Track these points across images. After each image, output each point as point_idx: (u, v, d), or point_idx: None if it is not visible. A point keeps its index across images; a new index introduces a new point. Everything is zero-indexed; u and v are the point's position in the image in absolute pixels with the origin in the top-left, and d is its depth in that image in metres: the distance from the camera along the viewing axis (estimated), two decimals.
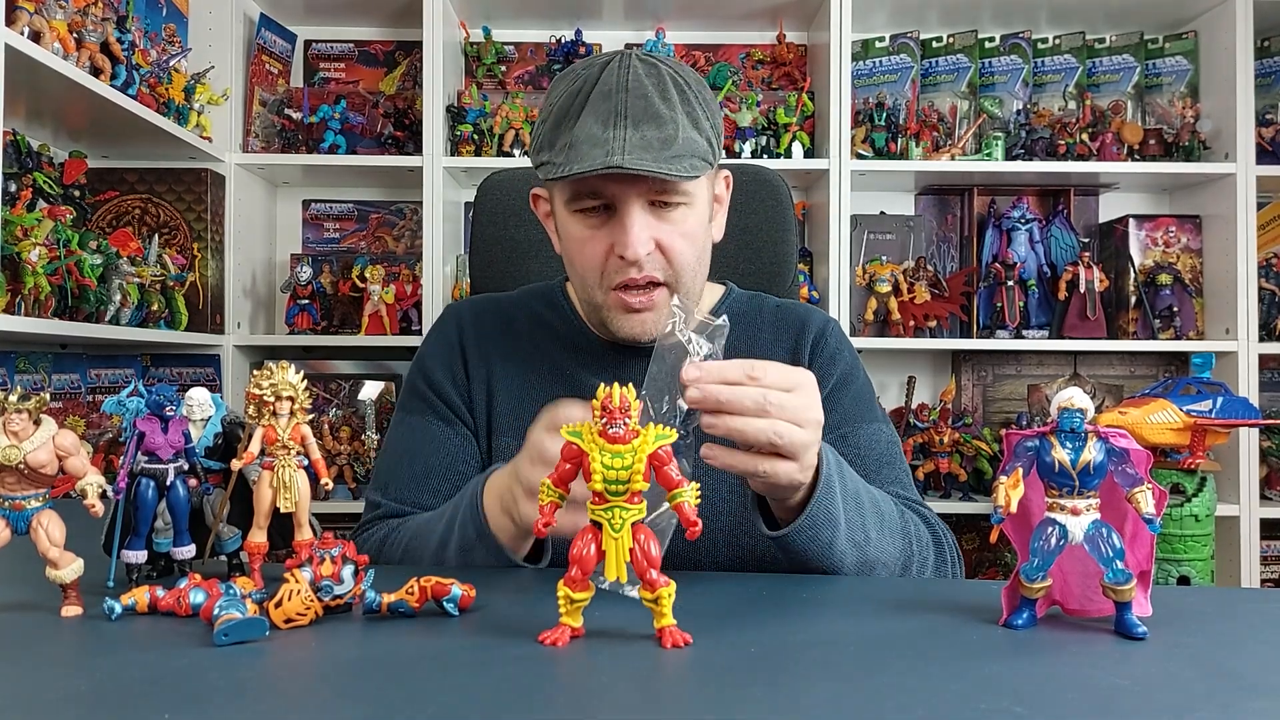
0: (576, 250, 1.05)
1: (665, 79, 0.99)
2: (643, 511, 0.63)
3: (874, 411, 1.14)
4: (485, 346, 1.17)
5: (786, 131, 2.38)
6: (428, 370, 1.17)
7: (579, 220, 1.03)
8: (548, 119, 1.01)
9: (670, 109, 0.97)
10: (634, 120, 0.95)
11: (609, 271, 1.03)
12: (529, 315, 1.20)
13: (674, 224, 1.01)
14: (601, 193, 0.99)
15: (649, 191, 0.99)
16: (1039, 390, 2.53)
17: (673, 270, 1.03)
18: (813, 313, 1.20)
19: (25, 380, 1.96)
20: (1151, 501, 0.63)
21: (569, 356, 1.15)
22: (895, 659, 0.60)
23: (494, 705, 0.52)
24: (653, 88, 0.97)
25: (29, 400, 0.66)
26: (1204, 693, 0.54)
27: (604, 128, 0.95)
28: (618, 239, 1.00)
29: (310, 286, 2.37)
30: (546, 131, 1.01)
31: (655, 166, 0.94)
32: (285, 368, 0.73)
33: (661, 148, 0.95)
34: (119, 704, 0.52)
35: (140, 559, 0.75)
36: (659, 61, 1.00)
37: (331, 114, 2.37)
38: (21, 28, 1.54)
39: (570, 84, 1.00)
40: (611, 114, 0.95)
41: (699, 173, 0.98)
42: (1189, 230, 2.45)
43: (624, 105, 0.96)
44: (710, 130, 1.01)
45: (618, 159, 0.93)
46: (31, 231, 1.60)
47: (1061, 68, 2.55)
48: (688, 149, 0.96)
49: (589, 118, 0.96)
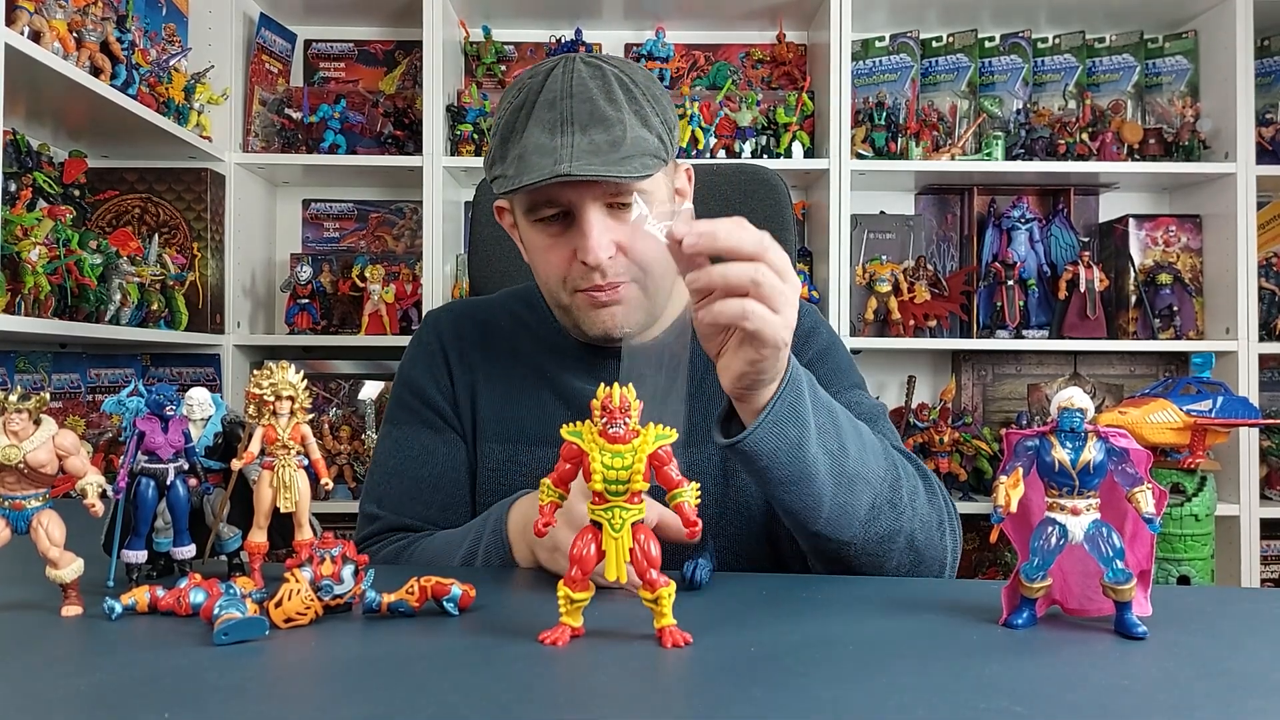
0: (540, 259, 1.05)
1: (610, 80, 0.98)
2: (643, 511, 0.63)
3: (855, 380, 1.13)
4: (467, 352, 1.16)
5: (786, 131, 2.38)
6: (412, 380, 1.17)
7: (539, 230, 1.03)
8: (497, 132, 1.01)
9: (616, 110, 0.97)
10: (580, 125, 0.95)
11: (573, 277, 1.02)
12: (509, 318, 1.19)
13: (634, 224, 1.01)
14: (557, 200, 0.99)
15: (604, 195, 0.98)
16: (1039, 390, 2.53)
17: (639, 269, 1.03)
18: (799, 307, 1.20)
19: (25, 380, 1.96)
20: (1151, 501, 0.63)
21: (548, 358, 1.14)
22: (895, 659, 0.60)
23: (494, 705, 0.52)
24: (597, 90, 0.97)
25: (29, 400, 0.66)
26: (1204, 692, 0.54)
27: (551, 136, 0.95)
28: (579, 245, 0.99)
29: (310, 286, 2.37)
30: (496, 145, 1.01)
31: (605, 170, 0.93)
32: (285, 367, 0.73)
33: (610, 150, 0.94)
34: (119, 704, 0.52)
35: (140, 559, 0.75)
36: (603, 63, 1.00)
37: (331, 113, 2.37)
38: (21, 27, 1.54)
39: (515, 95, 1.00)
40: (557, 121, 0.95)
41: (650, 171, 0.97)
42: (1189, 230, 2.45)
43: (569, 111, 0.95)
44: (661, 127, 1.01)
45: (565, 166, 0.93)
46: (31, 231, 1.60)
47: (1061, 67, 2.55)
48: (637, 148, 0.96)
49: (535, 128, 0.96)
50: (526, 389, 1.13)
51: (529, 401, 1.12)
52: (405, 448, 1.13)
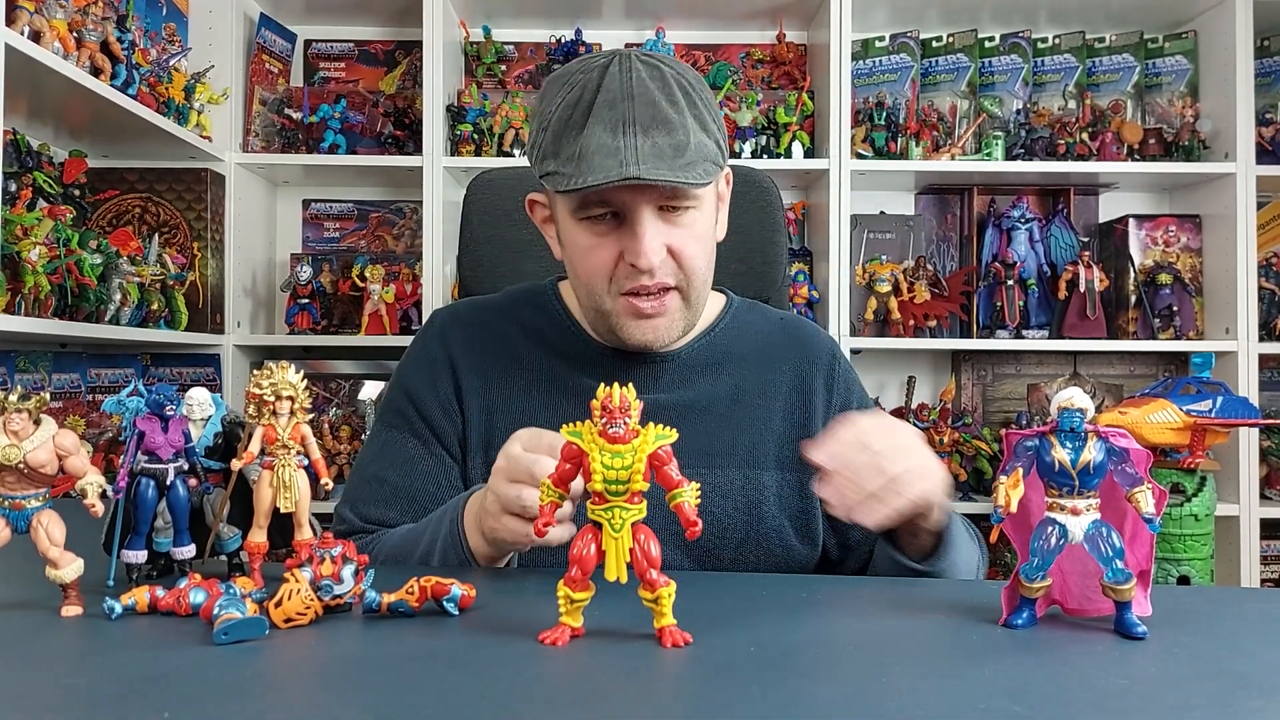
0: (582, 258, 1.02)
1: (670, 82, 0.96)
2: (643, 511, 0.63)
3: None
4: (478, 359, 1.12)
5: (786, 131, 2.38)
6: (409, 385, 1.12)
7: (585, 228, 1.00)
8: (548, 127, 0.97)
9: (679, 113, 0.95)
10: (643, 127, 0.93)
11: (618, 278, 1.00)
12: (521, 323, 1.15)
13: (684, 228, 1.00)
14: (611, 201, 0.97)
15: (660, 198, 0.97)
16: (1039, 390, 2.53)
17: (684, 274, 1.01)
18: (817, 332, 1.21)
19: (25, 380, 1.96)
20: (1151, 501, 0.63)
21: (568, 365, 1.11)
22: (895, 659, 0.60)
23: (494, 705, 0.52)
24: (658, 91, 0.95)
25: (29, 400, 0.66)
26: (1204, 692, 0.54)
27: (614, 136, 0.92)
28: (628, 247, 0.97)
29: (310, 286, 2.37)
30: (548, 141, 0.97)
31: (672, 175, 0.92)
32: (285, 367, 0.73)
33: (675, 155, 0.93)
34: (119, 703, 0.52)
35: (140, 558, 0.75)
36: (660, 62, 0.98)
37: (331, 113, 2.36)
38: (21, 27, 1.54)
39: (569, 90, 0.96)
40: (620, 122, 0.93)
41: (711, 178, 0.96)
42: (1189, 230, 2.45)
43: (631, 112, 0.93)
44: (717, 132, 0.99)
45: (633, 170, 0.90)
46: (31, 231, 1.60)
47: (1061, 67, 2.55)
48: (700, 154, 0.94)
49: (596, 126, 0.93)
50: (545, 397, 1.09)
51: (547, 409, 1.08)
52: (390, 453, 1.10)
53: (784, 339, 1.16)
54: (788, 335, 1.17)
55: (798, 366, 1.14)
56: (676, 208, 0.98)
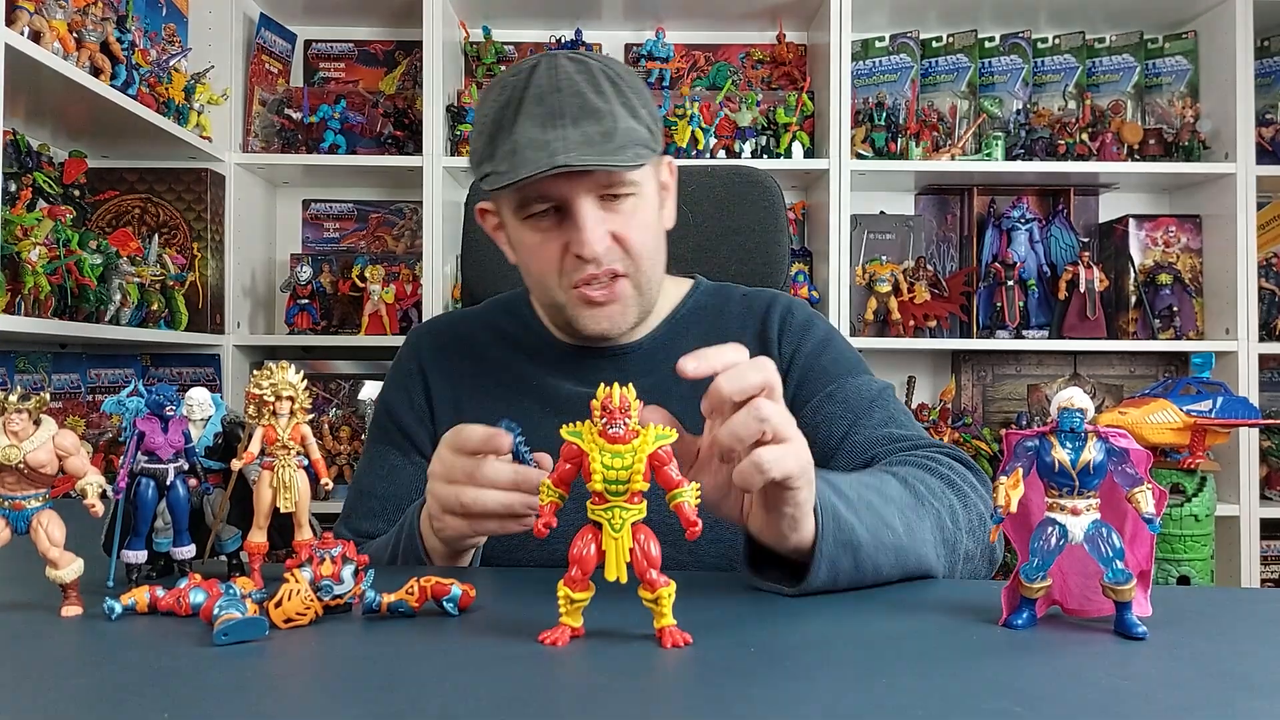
0: (531, 256, 1.05)
1: (596, 74, 0.98)
2: (643, 511, 0.63)
3: (860, 367, 1.13)
4: (450, 369, 1.16)
5: (786, 131, 2.38)
6: (387, 400, 1.18)
7: (530, 226, 1.02)
8: (482, 131, 1.01)
9: (606, 102, 0.97)
10: (572, 118, 0.95)
11: (567, 270, 1.02)
12: (492, 330, 1.19)
13: (626, 215, 1.01)
14: (550, 195, 0.99)
15: (597, 186, 0.99)
16: (1039, 390, 2.53)
17: (631, 260, 1.03)
18: (778, 295, 1.19)
19: (25, 380, 1.97)
20: (1151, 501, 0.63)
21: (533, 365, 1.14)
22: (895, 659, 0.60)
23: (494, 705, 0.52)
24: (585, 84, 0.97)
25: (29, 400, 0.66)
26: (1204, 692, 0.54)
27: (543, 130, 0.95)
28: (573, 238, 0.99)
29: (310, 286, 2.37)
30: (483, 144, 1.00)
31: (601, 160, 0.94)
32: (285, 367, 0.73)
33: (604, 141, 0.95)
34: (119, 704, 0.52)
35: (140, 559, 0.75)
36: (587, 58, 1.01)
37: (331, 114, 2.37)
38: (21, 28, 1.54)
39: (500, 93, 0.99)
40: (548, 115, 0.95)
41: (643, 161, 0.98)
42: (1189, 230, 2.45)
43: (559, 105, 0.95)
44: (648, 118, 1.01)
45: (562, 158, 0.93)
46: (31, 231, 1.60)
47: (1061, 67, 2.55)
48: (629, 139, 0.96)
49: (525, 122, 0.95)
50: (509, 398, 1.11)
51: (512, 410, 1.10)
52: (375, 466, 1.15)
53: (744, 311, 1.17)
54: (749, 307, 1.18)
55: (758, 333, 1.14)
56: (616, 195, 1.00)
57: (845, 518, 0.78)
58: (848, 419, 1.06)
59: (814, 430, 1.06)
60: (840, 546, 0.77)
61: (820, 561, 0.75)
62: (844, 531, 0.77)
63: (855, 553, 0.78)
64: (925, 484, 0.92)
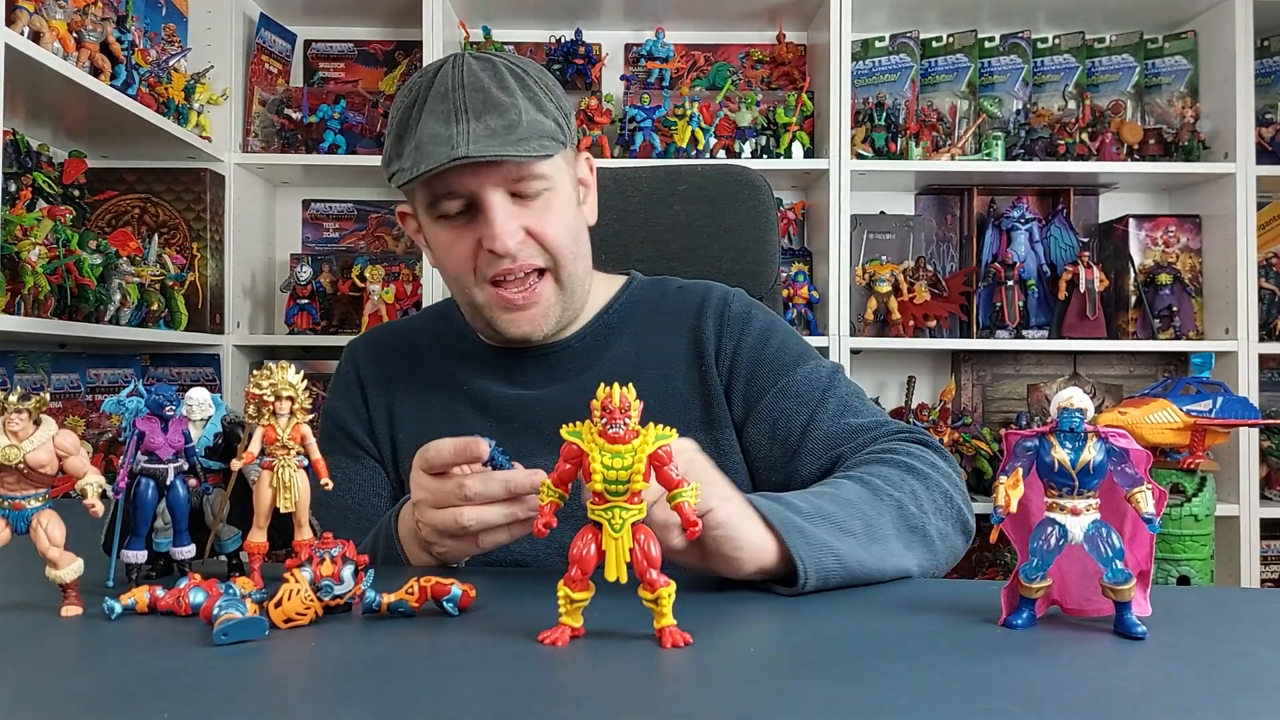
0: (446, 255, 1.04)
1: (501, 70, 0.99)
2: (643, 511, 0.63)
3: (805, 355, 1.10)
4: (383, 377, 1.16)
5: (786, 131, 2.38)
6: (331, 410, 1.18)
7: (443, 225, 1.02)
8: (391, 131, 1.01)
9: (510, 96, 0.97)
10: (475, 113, 0.95)
11: (481, 267, 1.01)
12: (427, 336, 1.19)
13: (539, 209, 1.01)
14: (459, 191, 0.98)
15: (506, 181, 0.98)
16: (1038, 390, 2.53)
17: (550, 255, 1.02)
18: (713, 287, 1.17)
19: (25, 380, 1.96)
20: (1151, 501, 0.63)
21: (463, 368, 1.13)
22: (895, 659, 0.60)
23: (494, 705, 0.52)
24: (489, 79, 0.97)
25: (29, 400, 0.66)
26: (1203, 693, 0.54)
27: (446, 125, 0.95)
28: (484, 233, 0.99)
29: (310, 286, 2.37)
30: (391, 144, 1.00)
31: (503, 151, 0.94)
32: (285, 367, 0.73)
33: (506, 133, 0.94)
34: (119, 704, 0.52)
35: (140, 559, 0.75)
36: (492, 56, 1.01)
37: (331, 114, 2.36)
38: (21, 28, 1.54)
39: (407, 94, 1.00)
40: (451, 111, 0.95)
41: (550, 152, 0.97)
42: (1189, 230, 2.45)
43: (462, 100, 0.95)
44: (556, 112, 1.00)
45: (463, 150, 0.93)
46: (31, 231, 1.60)
47: (1061, 67, 2.55)
48: (534, 130, 0.96)
49: (429, 119, 0.96)
50: (442, 403, 1.11)
51: (445, 416, 1.11)
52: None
53: (679, 304, 1.15)
54: (684, 300, 1.16)
55: (694, 326, 1.12)
56: (527, 191, 0.99)
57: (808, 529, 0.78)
58: (804, 413, 1.04)
59: (772, 427, 1.06)
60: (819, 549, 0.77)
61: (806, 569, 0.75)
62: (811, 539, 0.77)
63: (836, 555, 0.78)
64: (882, 477, 0.91)
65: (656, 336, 1.12)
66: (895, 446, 0.97)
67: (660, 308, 1.15)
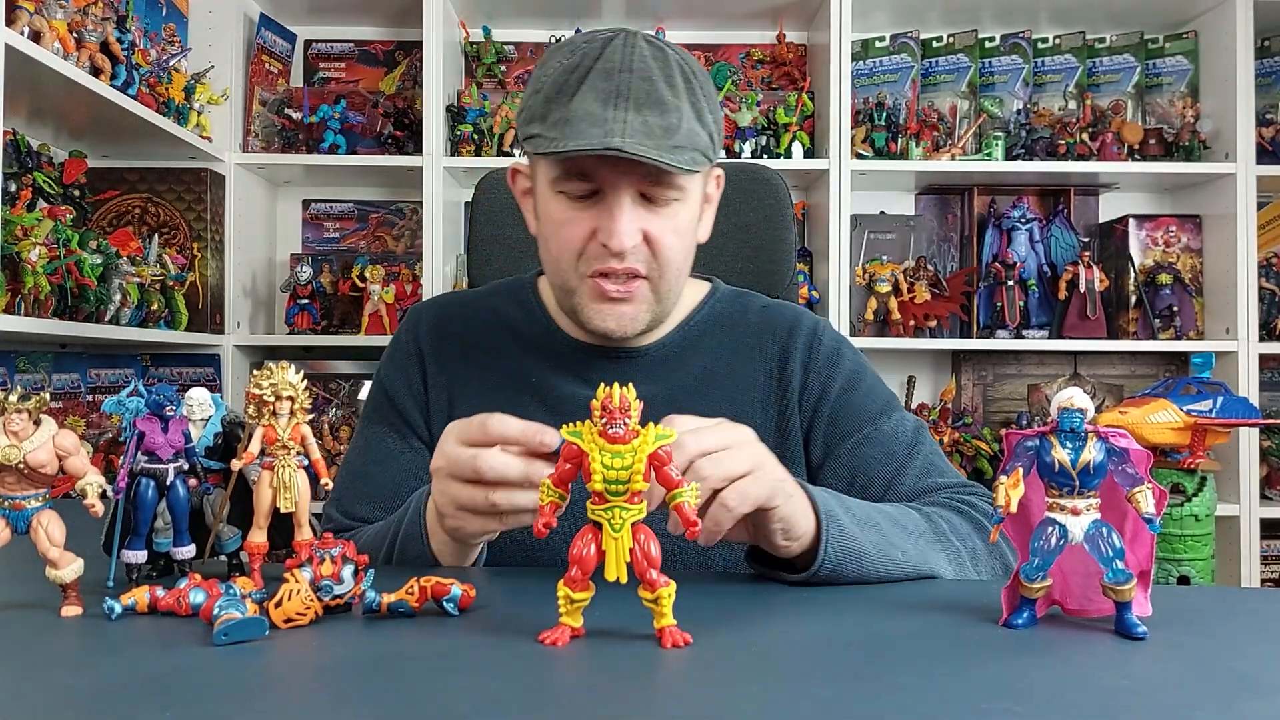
0: (554, 231, 0.97)
1: (672, 64, 0.93)
2: (643, 512, 0.63)
3: (891, 404, 1.08)
4: (446, 353, 1.11)
5: (786, 131, 2.38)
6: (385, 380, 1.12)
7: (562, 200, 0.96)
8: (540, 90, 0.94)
9: (675, 96, 0.91)
10: (636, 103, 0.89)
11: (588, 256, 0.96)
12: (494, 316, 1.12)
13: (664, 218, 0.96)
14: (592, 175, 0.93)
15: (642, 181, 0.93)
16: (1039, 390, 2.53)
17: (657, 265, 0.97)
18: (802, 314, 1.14)
19: (25, 380, 1.96)
20: (1152, 501, 0.63)
21: (534, 360, 1.08)
22: (895, 659, 0.60)
23: (494, 705, 0.52)
24: (658, 71, 0.91)
25: (29, 400, 0.66)
26: (1204, 693, 0.54)
27: (604, 107, 0.89)
28: (603, 225, 0.93)
29: (310, 286, 2.37)
30: (539, 103, 0.93)
31: (657, 154, 0.88)
32: (285, 367, 0.73)
33: (664, 136, 0.89)
34: (119, 704, 0.52)
35: (140, 559, 0.75)
36: (666, 46, 0.95)
37: (331, 114, 2.37)
38: (21, 27, 1.54)
39: (568, 57, 0.93)
40: (613, 94, 0.89)
41: (699, 168, 0.93)
42: (1189, 230, 2.45)
43: (627, 86, 0.89)
44: (713, 125, 0.96)
45: (617, 141, 0.87)
46: (31, 231, 1.60)
47: (1062, 67, 2.55)
48: (690, 141, 0.91)
49: (588, 94, 0.89)
50: (507, 395, 1.06)
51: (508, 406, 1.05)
52: (371, 449, 1.09)
53: (762, 325, 1.12)
54: (768, 322, 1.12)
55: (779, 355, 1.09)
56: (659, 197, 0.95)
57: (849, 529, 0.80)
58: (890, 466, 1.02)
59: (852, 474, 1.04)
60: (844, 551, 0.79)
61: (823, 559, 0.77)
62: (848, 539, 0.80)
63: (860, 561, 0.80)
64: (949, 522, 0.91)
65: (734, 357, 1.09)
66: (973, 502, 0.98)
67: (743, 326, 1.12)
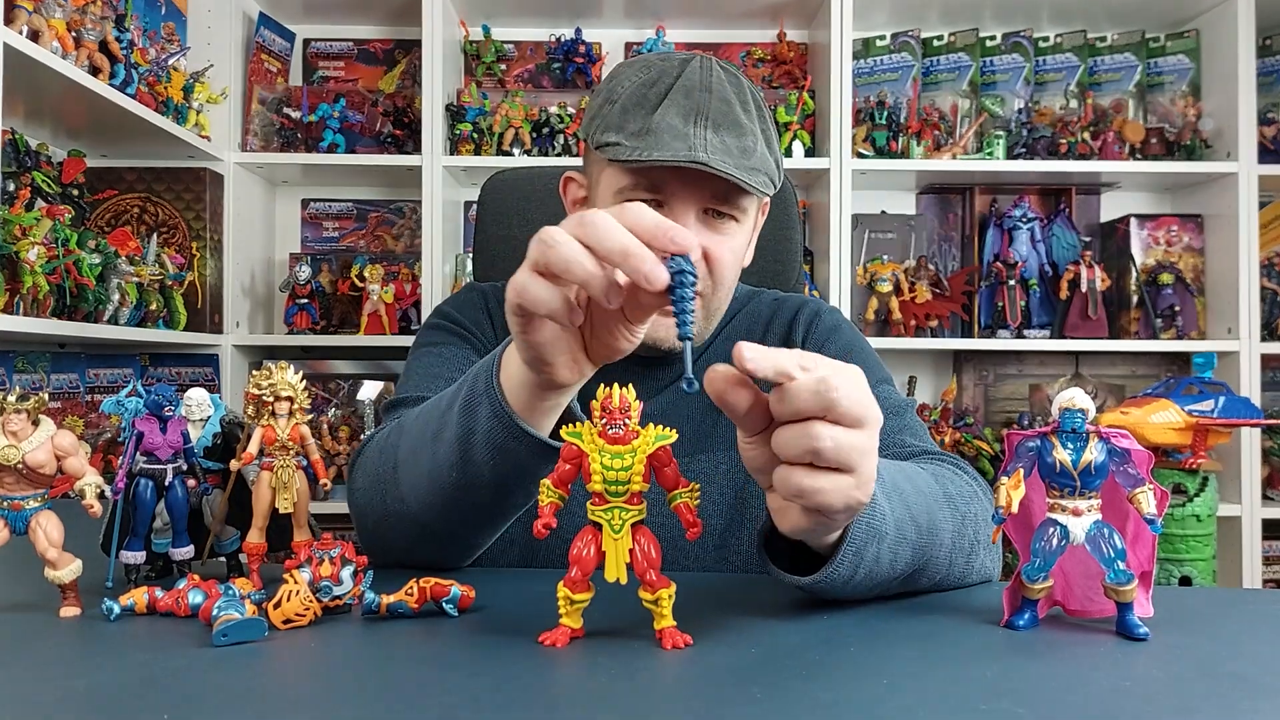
0: None
1: (745, 91, 0.98)
2: (643, 512, 0.63)
3: (884, 379, 1.12)
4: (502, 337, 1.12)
5: (787, 130, 2.38)
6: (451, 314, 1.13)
7: None
8: (616, 100, 0.97)
9: (750, 120, 0.96)
10: (715, 123, 0.93)
11: None
12: None
13: (722, 236, 0.99)
14: (661, 188, 0.96)
15: (710, 199, 0.97)
16: (1040, 390, 2.53)
17: (711, 282, 1.00)
18: (807, 300, 1.19)
19: (24, 380, 1.96)
20: (1153, 502, 0.63)
21: None
22: (895, 659, 0.60)
23: (494, 705, 0.51)
24: (734, 95, 0.96)
25: (27, 400, 0.66)
26: (1206, 693, 0.54)
27: (685, 122, 0.92)
28: None
29: (309, 286, 2.36)
30: (615, 114, 0.96)
31: (736, 173, 0.92)
32: (284, 368, 0.73)
33: (741, 156, 0.93)
34: (118, 704, 0.52)
35: (139, 559, 0.75)
36: (737, 73, 1.00)
37: (330, 113, 2.36)
38: (20, 27, 1.54)
39: (643, 72, 0.97)
40: (694, 111, 0.93)
41: (768, 191, 0.96)
42: (1191, 229, 2.45)
43: (707, 105, 0.93)
44: (779, 154, 1.00)
45: (702, 156, 0.90)
46: (30, 231, 1.60)
47: (1063, 66, 2.55)
48: (762, 165, 0.95)
49: (670, 108, 0.93)
50: None
51: None
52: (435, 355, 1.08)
53: (773, 315, 1.16)
54: (779, 310, 1.17)
55: (783, 335, 1.13)
56: (722, 214, 0.98)
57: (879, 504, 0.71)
58: None
59: None
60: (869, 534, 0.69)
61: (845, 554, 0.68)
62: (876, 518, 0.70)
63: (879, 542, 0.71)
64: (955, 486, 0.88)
65: None
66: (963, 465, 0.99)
67: (754, 319, 1.16)
